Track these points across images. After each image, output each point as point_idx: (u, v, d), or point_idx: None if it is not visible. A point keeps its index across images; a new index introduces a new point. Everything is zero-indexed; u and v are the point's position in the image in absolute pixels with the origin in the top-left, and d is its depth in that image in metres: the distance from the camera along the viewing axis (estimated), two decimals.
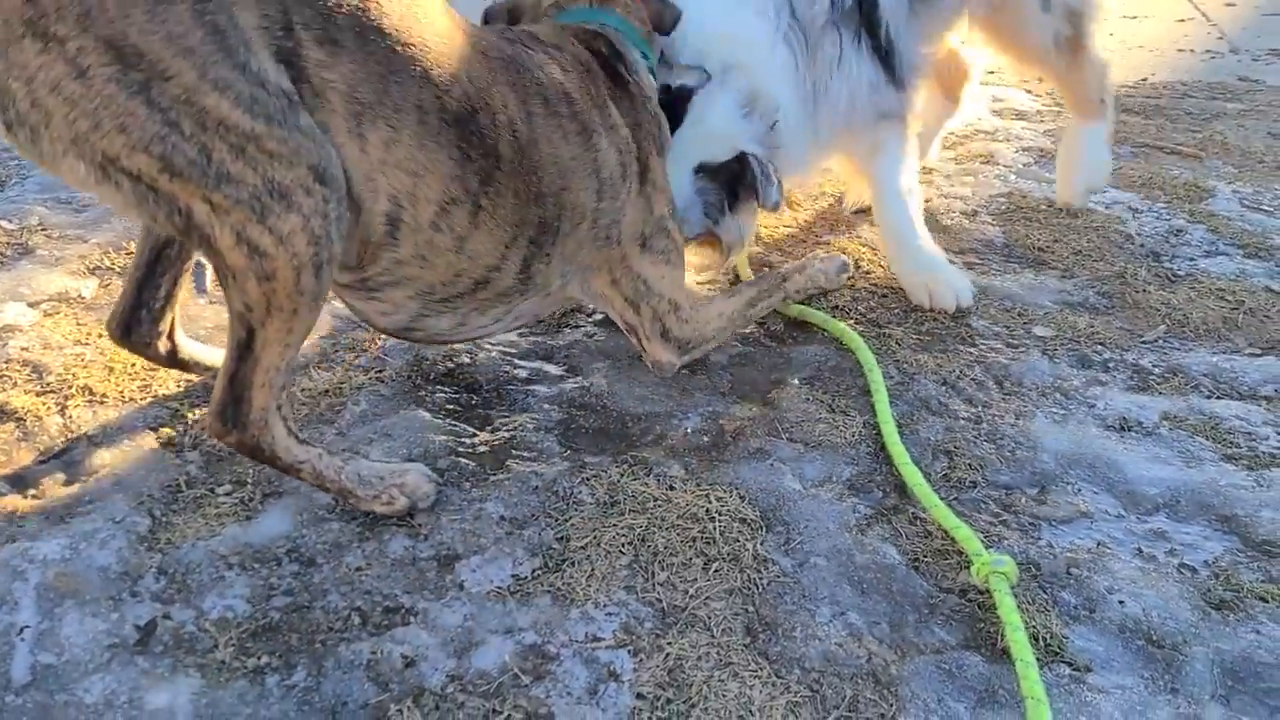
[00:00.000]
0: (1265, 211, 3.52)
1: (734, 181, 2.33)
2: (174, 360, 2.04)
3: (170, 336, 2.01)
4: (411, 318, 1.89)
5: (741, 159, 2.29)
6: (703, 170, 2.31)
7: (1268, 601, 1.78)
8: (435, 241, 1.75)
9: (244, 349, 1.62)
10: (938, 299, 2.68)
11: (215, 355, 2.08)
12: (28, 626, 1.54)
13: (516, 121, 1.81)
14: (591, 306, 2.43)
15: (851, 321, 2.60)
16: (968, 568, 1.77)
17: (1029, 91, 4.95)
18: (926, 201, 3.35)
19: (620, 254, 2.08)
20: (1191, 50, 6.31)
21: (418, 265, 1.77)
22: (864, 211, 3.26)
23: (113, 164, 1.44)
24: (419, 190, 1.68)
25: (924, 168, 3.53)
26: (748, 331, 2.52)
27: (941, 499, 1.94)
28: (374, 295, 1.82)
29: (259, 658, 1.52)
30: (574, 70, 1.98)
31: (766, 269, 2.86)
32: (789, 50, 2.38)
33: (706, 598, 1.69)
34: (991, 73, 5.25)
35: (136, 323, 1.94)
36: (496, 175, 1.77)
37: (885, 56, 2.59)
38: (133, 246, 2.67)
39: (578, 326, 2.48)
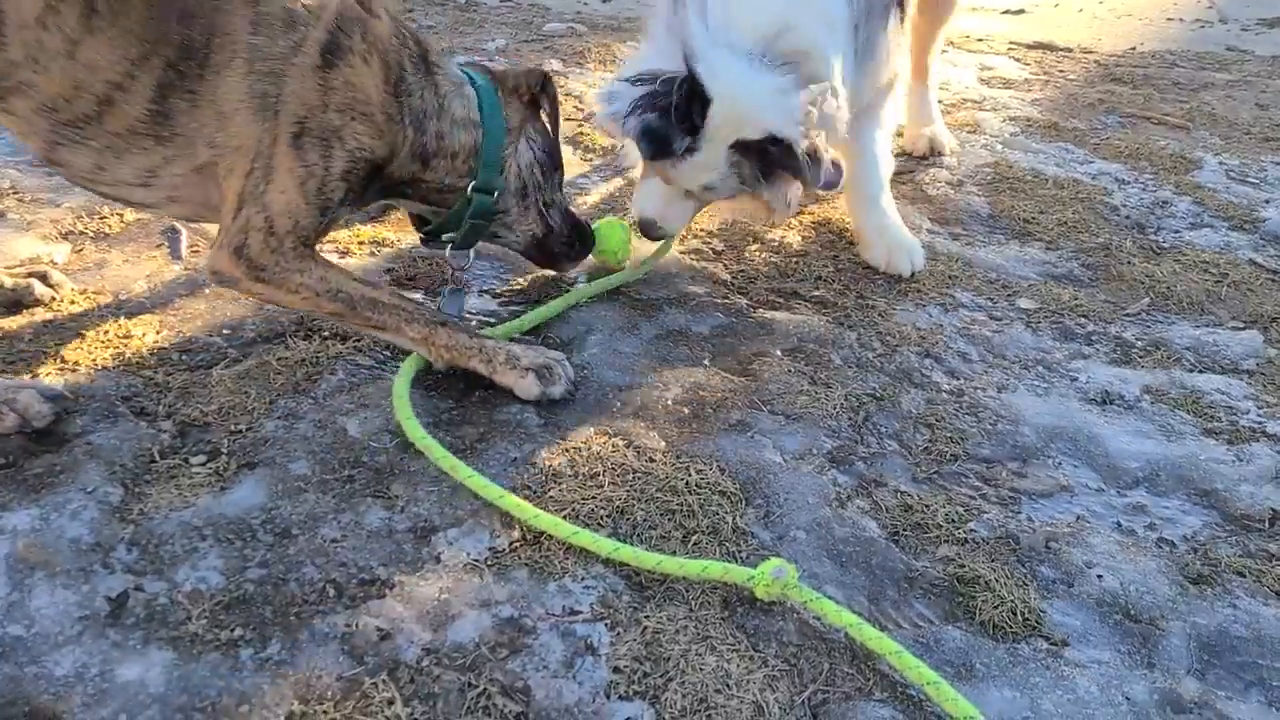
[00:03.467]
0: (1251, 183, 3.51)
1: (770, 160, 2.26)
2: None
3: None
4: (47, 142, 1.84)
5: (785, 146, 2.21)
6: (737, 147, 2.25)
7: (1245, 576, 1.79)
8: (44, 42, 1.72)
9: None
10: (894, 265, 2.71)
11: None
12: None
13: None
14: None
15: (835, 290, 2.59)
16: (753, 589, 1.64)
17: (1017, 60, 4.92)
18: (909, 172, 3.34)
19: (272, 135, 1.88)
20: (1181, 19, 6.28)
21: (30, 69, 1.73)
22: None
23: None
24: None
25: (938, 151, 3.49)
26: (729, 301, 2.50)
27: (919, 475, 1.95)
28: (3, 105, 1.79)
29: (232, 630, 1.51)
30: None
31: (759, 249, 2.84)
32: (849, 11, 2.33)
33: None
34: (980, 40, 5.22)
35: None
36: None
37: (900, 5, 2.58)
38: (106, 211, 2.63)
39: (558, 297, 2.46)
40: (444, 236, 2.27)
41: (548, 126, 2.30)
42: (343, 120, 1.94)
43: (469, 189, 2.17)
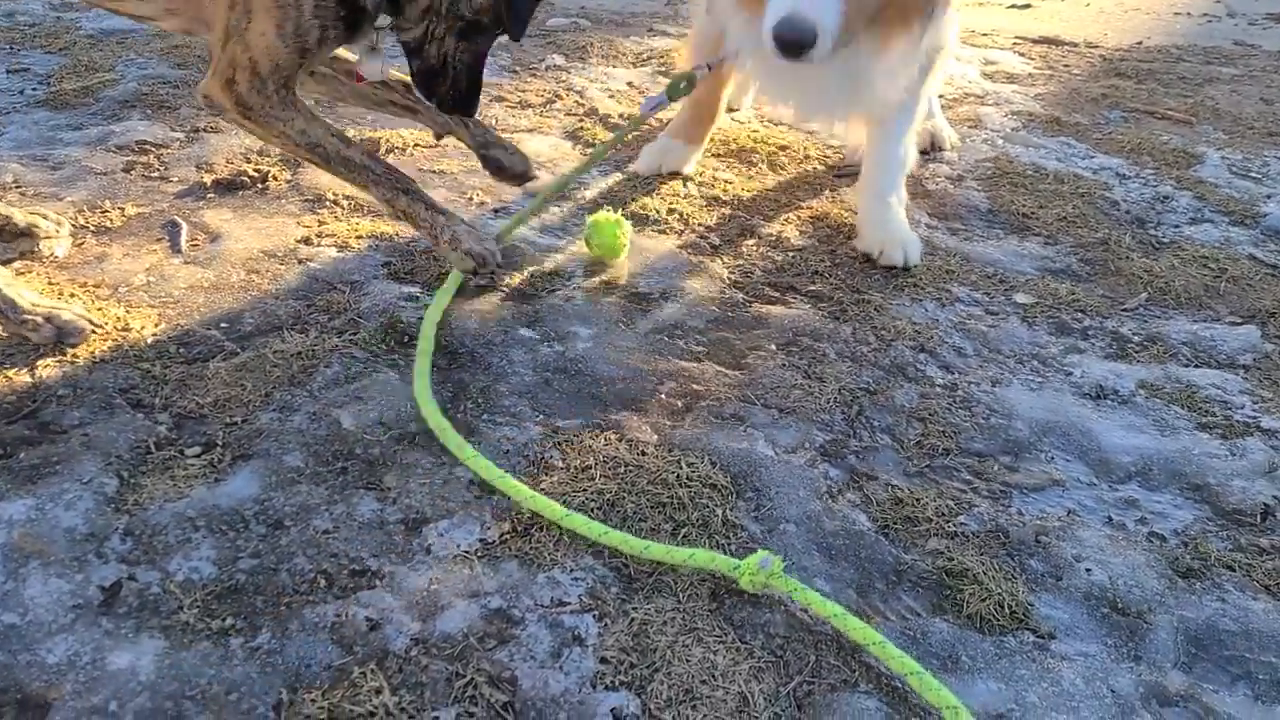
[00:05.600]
0: (1253, 179, 3.50)
1: None
2: None
3: None
4: None
5: None
6: None
7: (1234, 570, 1.79)
8: None
9: None
10: (887, 255, 2.71)
11: None
12: None
13: None
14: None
15: (831, 284, 2.59)
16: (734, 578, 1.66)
17: (1022, 55, 4.90)
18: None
19: None
20: (1188, 13, 6.25)
21: None
22: (846, 175, 3.23)
23: None
24: None
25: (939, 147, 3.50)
26: (725, 295, 2.51)
27: (910, 469, 1.96)
28: None
29: (223, 619, 1.52)
30: None
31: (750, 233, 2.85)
32: None
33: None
34: (985, 35, 5.21)
35: None
36: None
37: None
38: (108, 205, 2.65)
39: (554, 290, 2.47)
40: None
41: None
42: None
43: None
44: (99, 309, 2.20)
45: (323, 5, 2.03)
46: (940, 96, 3.71)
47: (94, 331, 2.10)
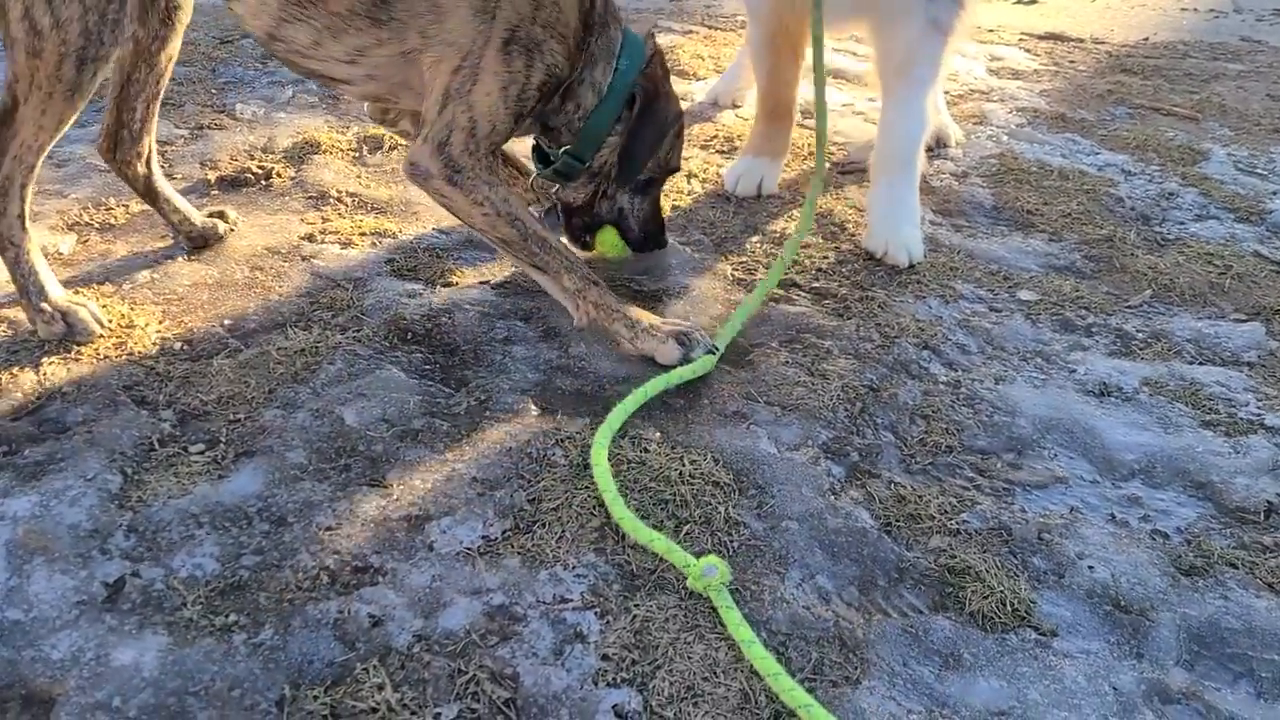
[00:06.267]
0: (1259, 175, 3.49)
1: None
2: (149, 189, 2.37)
3: (147, 163, 2.34)
4: (275, 20, 2.03)
5: None
6: None
7: (1237, 568, 1.79)
8: None
9: (6, 114, 1.94)
10: (891, 255, 2.70)
11: (182, 201, 2.45)
12: None
13: None
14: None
15: (834, 281, 2.59)
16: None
17: (1027, 51, 4.89)
18: None
19: (485, 38, 2.02)
20: (1195, 9, 6.23)
21: None
22: (851, 172, 3.23)
23: None
24: None
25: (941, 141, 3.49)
26: (729, 293, 2.51)
27: (913, 466, 1.95)
28: None
29: (227, 616, 1.53)
30: None
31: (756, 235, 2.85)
32: None
33: None
34: (991, 31, 5.20)
35: (120, 142, 2.28)
36: None
37: None
38: (113, 203, 2.66)
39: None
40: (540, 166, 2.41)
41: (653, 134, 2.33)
42: (545, 35, 2.08)
43: (562, 151, 2.31)
44: (103, 306, 2.21)
45: (545, 84, 2.13)
46: (945, 93, 3.70)
47: (102, 335, 2.11)
